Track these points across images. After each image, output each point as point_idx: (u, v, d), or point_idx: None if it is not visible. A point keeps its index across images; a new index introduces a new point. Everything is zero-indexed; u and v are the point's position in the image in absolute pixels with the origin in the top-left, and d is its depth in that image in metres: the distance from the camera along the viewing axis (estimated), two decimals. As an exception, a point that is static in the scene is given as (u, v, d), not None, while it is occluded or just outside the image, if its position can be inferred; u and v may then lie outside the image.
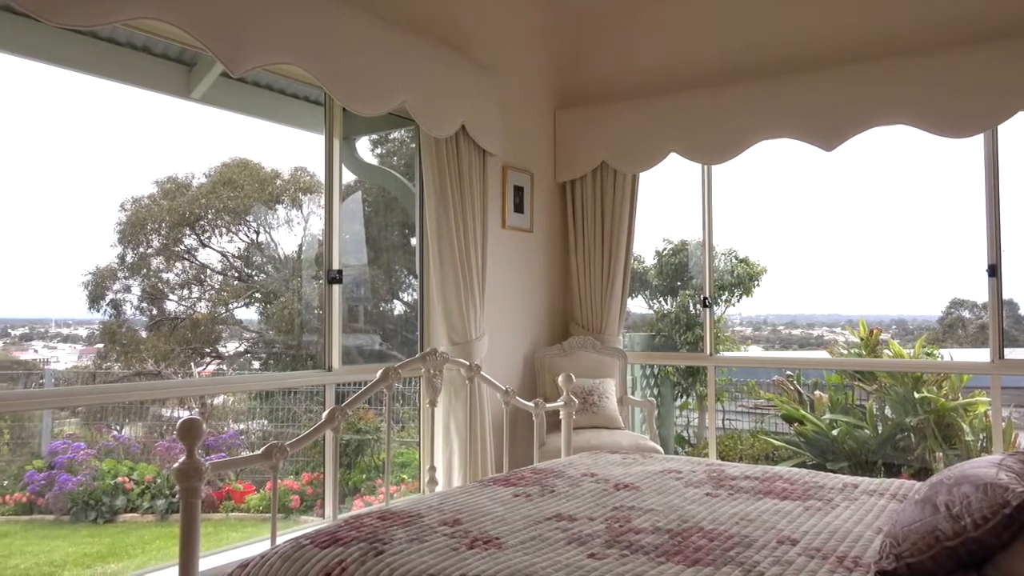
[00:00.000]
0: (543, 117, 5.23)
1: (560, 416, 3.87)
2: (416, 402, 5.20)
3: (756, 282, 7.13)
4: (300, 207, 7.04)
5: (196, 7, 2.81)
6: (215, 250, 6.89)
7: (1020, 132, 4.13)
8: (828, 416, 6.05)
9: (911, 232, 6.62)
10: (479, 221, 4.29)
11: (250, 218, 6.94)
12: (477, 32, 4.57)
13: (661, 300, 7.39)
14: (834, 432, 5.92)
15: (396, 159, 5.50)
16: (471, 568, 1.80)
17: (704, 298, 5.01)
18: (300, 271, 7.04)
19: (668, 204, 6.70)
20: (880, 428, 5.86)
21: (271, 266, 7.19)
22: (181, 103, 4.19)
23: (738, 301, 7.20)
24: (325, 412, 2.88)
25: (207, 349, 6.89)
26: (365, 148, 5.25)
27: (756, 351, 7.67)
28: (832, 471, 4.03)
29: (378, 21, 3.67)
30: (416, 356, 3.47)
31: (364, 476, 5.70)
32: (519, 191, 4.88)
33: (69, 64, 3.77)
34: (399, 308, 5.84)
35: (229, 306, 7.02)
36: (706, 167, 4.97)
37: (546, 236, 5.20)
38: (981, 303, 6.94)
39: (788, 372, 6.53)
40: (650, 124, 4.88)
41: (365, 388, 3.07)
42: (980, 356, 4.46)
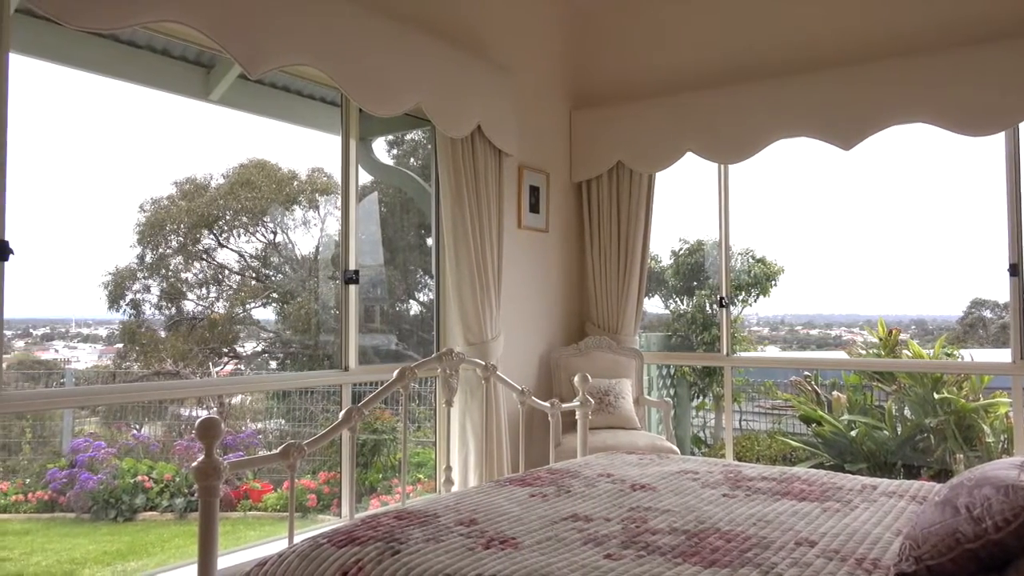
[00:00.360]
0: (559, 117, 5.22)
1: (576, 416, 3.87)
2: (432, 402, 5.21)
3: (773, 282, 7.08)
4: (317, 208, 7.08)
5: (214, 10, 2.83)
6: (233, 250, 6.94)
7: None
8: (846, 417, 6.01)
9: (930, 231, 6.56)
10: (495, 221, 4.29)
11: (267, 219, 6.99)
12: (493, 33, 4.57)
13: (677, 300, 7.37)
14: (852, 433, 5.87)
15: (412, 160, 5.52)
16: (487, 568, 1.80)
17: (721, 298, 4.98)
18: (317, 271, 7.08)
19: (684, 204, 6.67)
20: (899, 429, 5.81)
21: (288, 266, 7.23)
22: (200, 105, 4.23)
23: (755, 301, 7.17)
24: (342, 412, 2.89)
25: (225, 349, 6.94)
26: (381, 149, 5.27)
27: (773, 351, 7.62)
28: (850, 472, 4.00)
29: (394, 22, 3.69)
30: (432, 356, 3.48)
31: (380, 476, 5.72)
32: (535, 191, 4.88)
33: (89, 67, 3.81)
34: (415, 308, 5.86)
35: (246, 306, 7.07)
36: (723, 166, 4.94)
37: (562, 236, 5.20)
38: (1003, 303, 6.86)
39: (806, 373, 6.49)
40: (666, 124, 4.87)
41: (382, 388, 3.08)
42: (1001, 356, 4.41)
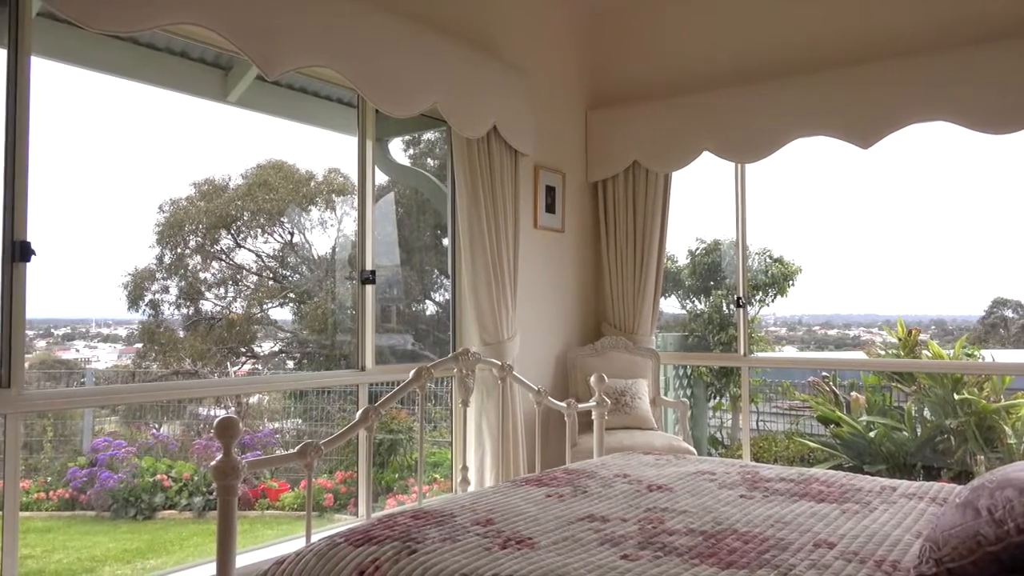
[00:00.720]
0: (574, 117, 5.22)
1: (592, 417, 3.86)
2: (448, 402, 5.22)
3: (791, 282, 7.04)
4: (334, 208, 7.12)
5: (232, 12, 2.85)
6: (250, 251, 6.99)
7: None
8: (865, 418, 5.96)
9: (951, 230, 6.49)
10: (511, 221, 4.29)
11: (284, 219, 7.03)
12: (508, 32, 4.58)
13: (694, 300, 7.34)
14: (871, 434, 5.82)
15: (429, 160, 5.54)
16: (504, 568, 1.80)
17: (738, 298, 4.96)
18: (333, 272, 7.11)
19: (701, 203, 6.64)
20: (919, 430, 5.75)
21: (305, 267, 7.27)
22: (217, 106, 4.26)
23: (772, 301, 7.12)
24: (358, 412, 2.90)
25: (242, 349, 6.99)
26: (398, 149, 5.29)
27: (791, 352, 7.57)
28: (869, 474, 3.97)
29: (410, 23, 3.70)
30: (448, 356, 3.48)
31: (397, 475, 5.74)
32: (551, 191, 4.88)
33: (109, 69, 3.86)
34: (431, 308, 5.87)
35: (264, 306, 7.12)
36: (740, 166, 4.92)
37: (578, 236, 5.19)
38: (1025, 302, 6.79)
39: (824, 373, 6.44)
40: (682, 123, 4.85)
41: (398, 388, 3.09)
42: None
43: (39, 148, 2.63)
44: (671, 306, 7.42)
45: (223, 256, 6.87)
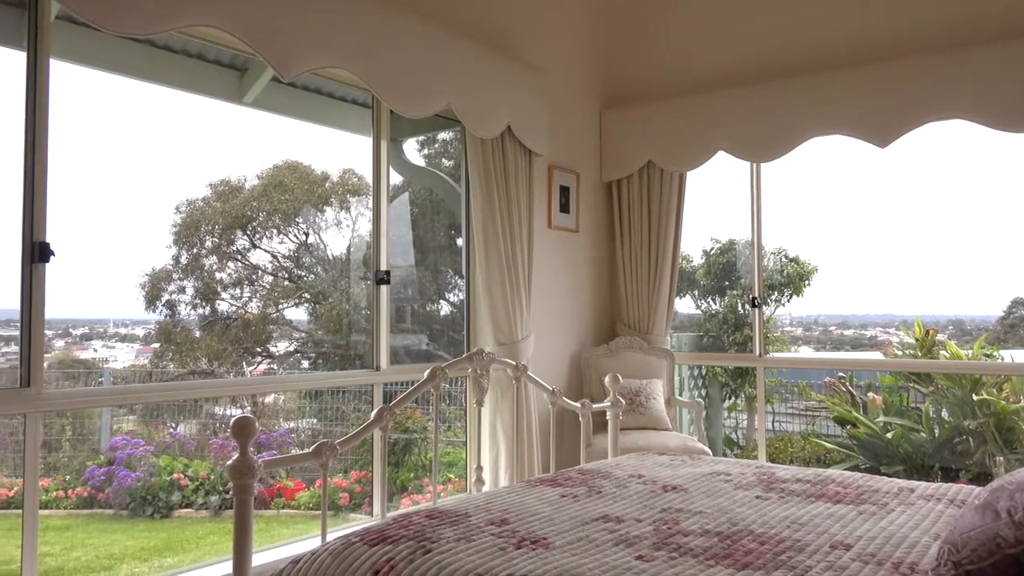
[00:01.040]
0: (589, 117, 5.21)
1: (607, 417, 3.85)
2: (463, 402, 5.23)
3: (807, 281, 7.00)
4: (348, 209, 7.15)
5: (248, 14, 2.88)
6: (266, 251, 7.03)
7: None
8: (882, 419, 5.91)
9: (969, 229, 6.42)
10: (525, 221, 4.29)
11: (300, 219, 7.06)
12: (522, 32, 4.58)
13: (709, 300, 7.31)
14: (888, 435, 5.78)
15: (443, 160, 5.54)
16: (518, 568, 1.80)
17: (753, 298, 4.93)
18: (348, 272, 7.14)
19: (716, 203, 6.61)
20: (937, 431, 5.70)
21: (320, 267, 7.31)
22: (233, 108, 4.29)
23: (788, 301, 7.08)
24: (373, 411, 2.91)
25: (258, 348, 7.03)
26: (412, 149, 5.30)
27: (807, 352, 7.52)
28: (887, 475, 3.93)
29: (424, 24, 3.71)
30: (463, 356, 3.48)
31: (411, 475, 5.75)
32: (565, 191, 4.87)
33: (127, 71, 3.89)
34: (446, 308, 5.88)
35: (279, 306, 7.16)
36: (755, 165, 4.89)
37: (592, 236, 5.18)
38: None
39: (840, 374, 6.39)
40: (697, 122, 4.83)
41: (413, 388, 3.10)
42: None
43: (58, 150, 2.67)
44: (686, 306, 7.39)
45: (239, 256, 6.91)
